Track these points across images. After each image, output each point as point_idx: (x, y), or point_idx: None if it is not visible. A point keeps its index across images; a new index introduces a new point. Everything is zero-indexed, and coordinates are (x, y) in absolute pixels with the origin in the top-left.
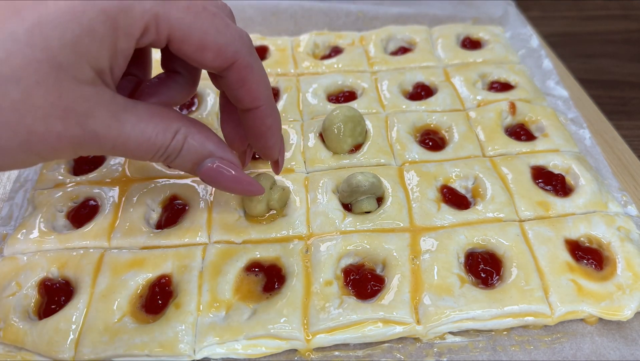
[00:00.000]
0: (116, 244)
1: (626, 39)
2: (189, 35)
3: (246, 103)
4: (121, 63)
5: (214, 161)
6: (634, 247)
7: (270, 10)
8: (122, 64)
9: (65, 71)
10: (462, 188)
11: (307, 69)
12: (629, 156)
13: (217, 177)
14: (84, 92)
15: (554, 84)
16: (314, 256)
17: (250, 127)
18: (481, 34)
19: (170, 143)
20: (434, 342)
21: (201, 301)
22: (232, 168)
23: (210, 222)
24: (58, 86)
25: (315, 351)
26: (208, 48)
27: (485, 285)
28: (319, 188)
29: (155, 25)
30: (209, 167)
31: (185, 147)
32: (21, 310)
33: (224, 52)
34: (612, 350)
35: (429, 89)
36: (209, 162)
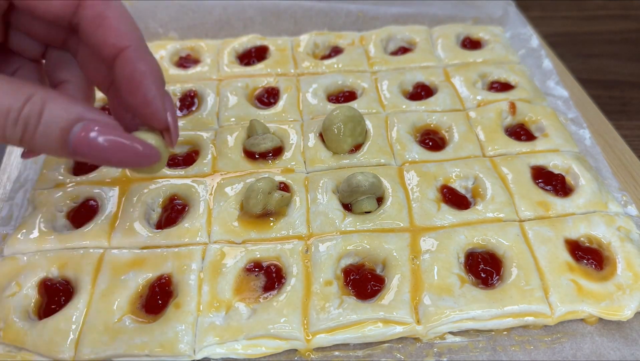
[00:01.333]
0: (116, 244)
1: (626, 39)
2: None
3: (108, 47)
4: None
5: (87, 124)
6: (634, 247)
7: (270, 10)
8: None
9: None
10: (462, 188)
11: (307, 69)
12: (629, 156)
13: (95, 146)
14: None
15: (554, 84)
16: (314, 256)
17: (121, 77)
18: (481, 34)
19: (23, 106)
20: (434, 342)
21: (201, 301)
22: (111, 131)
23: (210, 222)
24: None
25: (315, 351)
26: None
27: (485, 285)
28: (319, 188)
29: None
30: (81, 136)
31: (46, 113)
32: (21, 310)
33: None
34: (612, 350)
35: (429, 89)
36: (80, 127)
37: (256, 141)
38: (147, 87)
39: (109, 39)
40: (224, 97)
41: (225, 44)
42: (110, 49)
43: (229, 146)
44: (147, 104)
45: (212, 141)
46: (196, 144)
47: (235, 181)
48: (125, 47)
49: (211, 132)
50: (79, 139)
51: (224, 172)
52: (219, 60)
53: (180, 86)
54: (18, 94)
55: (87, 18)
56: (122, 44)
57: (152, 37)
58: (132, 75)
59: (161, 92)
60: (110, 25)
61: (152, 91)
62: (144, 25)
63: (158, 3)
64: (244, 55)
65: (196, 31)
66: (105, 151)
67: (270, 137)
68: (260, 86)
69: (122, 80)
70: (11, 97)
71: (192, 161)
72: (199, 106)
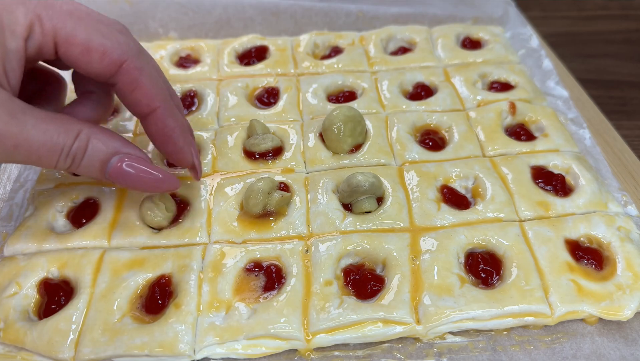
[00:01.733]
0: (116, 244)
1: (626, 39)
2: (73, 36)
3: (142, 107)
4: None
5: (122, 157)
6: (634, 247)
7: (270, 10)
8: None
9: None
10: (462, 188)
11: (307, 69)
12: (629, 156)
13: (127, 174)
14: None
15: (554, 84)
16: (314, 256)
17: (154, 133)
18: (481, 34)
19: (73, 143)
20: (434, 342)
21: (201, 301)
22: (141, 163)
23: (210, 222)
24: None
25: (315, 351)
26: (93, 49)
27: (485, 285)
28: (319, 187)
29: (40, 24)
30: (117, 166)
31: (90, 147)
32: (21, 309)
33: (110, 53)
34: (612, 350)
35: (429, 89)
36: (116, 159)
37: (256, 141)
38: (176, 139)
39: (142, 101)
40: (224, 97)
41: (225, 44)
42: (143, 108)
43: (229, 146)
44: (177, 152)
45: (212, 141)
46: (196, 144)
47: (235, 181)
48: (156, 108)
49: (211, 132)
50: (115, 169)
51: (224, 172)
52: (219, 60)
53: (180, 86)
54: (70, 133)
55: (124, 82)
56: (153, 106)
57: (152, 37)
58: (164, 130)
59: (188, 141)
60: (144, 90)
61: (180, 142)
62: (144, 26)
63: (158, 3)
64: (244, 55)
65: (196, 31)
66: (137, 178)
67: (270, 137)
68: (260, 86)
69: (155, 134)
70: (64, 135)
71: None
72: (199, 106)
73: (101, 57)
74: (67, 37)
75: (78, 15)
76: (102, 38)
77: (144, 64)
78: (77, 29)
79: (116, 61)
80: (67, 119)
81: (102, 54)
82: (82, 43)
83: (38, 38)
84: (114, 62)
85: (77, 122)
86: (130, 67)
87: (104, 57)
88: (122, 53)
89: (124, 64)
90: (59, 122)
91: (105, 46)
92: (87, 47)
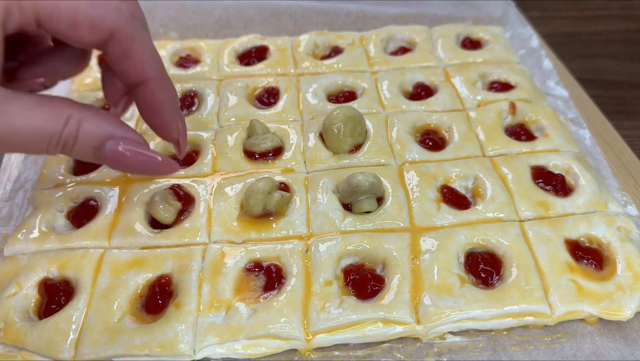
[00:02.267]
0: (116, 244)
1: (626, 39)
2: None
3: (132, 77)
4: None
5: (118, 142)
6: (634, 247)
7: (270, 10)
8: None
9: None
10: (462, 188)
11: (307, 69)
12: (629, 156)
13: (123, 159)
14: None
15: (554, 84)
16: (314, 256)
17: (142, 104)
18: (481, 34)
19: (63, 129)
20: (434, 342)
21: (201, 301)
22: (138, 147)
23: (210, 222)
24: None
25: (315, 351)
26: (80, 23)
27: (485, 285)
28: (319, 188)
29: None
30: (112, 150)
31: (82, 132)
32: (21, 309)
33: (99, 25)
34: (612, 350)
35: (429, 89)
36: (111, 144)
37: (256, 141)
38: (164, 113)
39: (132, 72)
40: (224, 97)
41: (225, 44)
42: (133, 79)
43: (229, 146)
44: (163, 126)
45: (212, 141)
46: (196, 144)
47: (235, 181)
48: (146, 80)
49: (211, 132)
50: (111, 154)
51: (224, 172)
52: (219, 60)
53: (180, 86)
54: (58, 118)
55: (114, 52)
56: (143, 77)
57: (152, 37)
58: (152, 103)
59: (175, 116)
60: (134, 60)
61: (167, 117)
62: None
63: (158, 3)
64: (244, 55)
65: (196, 31)
66: (134, 163)
67: (270, 137)
68: (260, 86)
69: (142, 105)
70: (52, 122)
71: (192, 161)
72: (199, 106)
73: (90, 30)
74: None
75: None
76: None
77: (136, 32)
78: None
79: (105, 32)
80: (55, 103)
81: (90, 27)
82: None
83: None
84: (103, 33)
85: (67, 105)
86: (121, 37)
87: (92, 30)
88: (113, 22)
89: (115, 33)
90: (46, 107)
91: (92, 17)
92: (73, 21)
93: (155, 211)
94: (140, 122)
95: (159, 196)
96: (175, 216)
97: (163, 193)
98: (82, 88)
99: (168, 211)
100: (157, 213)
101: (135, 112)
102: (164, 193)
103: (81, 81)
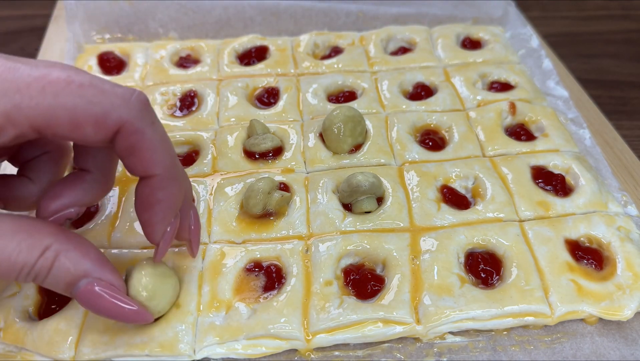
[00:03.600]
0: (116, 244)
1: (626, 39)
2: (55, 116)
3: (138, 172)
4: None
5: (92, 282)
6: (634, 247)
7: (270, 10)
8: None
9: None
10: (462, 188)
11: (307, 69)
12: (629, 156)
13: (94, 301)
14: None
15: (554, 84)
16: (314, 256)
17: (139, 194)
18: (481, 34)
19: (36, 261)
20: (434, 342)
21: (201, 301)
22: (113, 291)
23: (210, 222)
24: None
25: (315, 351)
26: (83, 123)
27: (485, 285)
28: (319, 188)
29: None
30: (83, 290)
31: (55, 266)
32: (21, 309)
33: (104, 122)
34: (612, 350)
35: (429, 89)
36: (85, 283)
37: (256, 141)
38: (156, 213)
39: (138, 167)
40: (224, 97)
41: (225, 44)
42: (139, 173)
43: (229, 146)
44: (149, 224)
45: (212, 141)
46: (196, 144)
47: (235, 181)
48: (152, 176)
49: (211, 132)
50: (82, 293)
51: (224, 172)
52: (219, 60)
53: (180, 86)
54: (34, 250)
55: (119, 146)
56: (149, 173)
57: (152, 37)
58: (149, 198)
59: (165, 220)
60: (141, 156)
61: (158, 218)
62: (144, 26)
63: (158, 3)
64: (244, 56)
65: (196, 31)
66: (104, 308)
67: (270, 137)
68: (260, 86)
69: (139, 195)
70: (27, 254)
71: (192, 161)
72: (199, 106)
73: (95, 130)
74: (47, 120)
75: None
76: (89, 106)
77: (146, 125)
78: (55, 107)
79: (112, 127)
80: (36, 230)
81: (94, 126)
82: (68, 121)
83: (10, 133)
84: (109, 130)
85: (48, 234)
86: (128, 131)
87: (98, 129)
88: (119, 117)
89: (121, 129)
90: (24, 234)
91: (96, 115)
92: (74, 122)
93: None
94: None
95: None
96: None
97: None
98: None
99: None
100: None
101: None
102: None
103: None
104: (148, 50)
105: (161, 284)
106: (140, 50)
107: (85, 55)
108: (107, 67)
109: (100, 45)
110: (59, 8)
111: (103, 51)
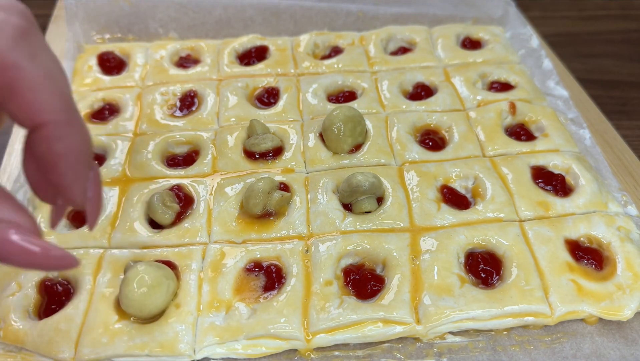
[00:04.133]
0: (116, 244)
1: (626, 39)
2: None
3: (23, 120)
4: None
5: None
6: (634, 247)
7: (270, 10)
8: None
9: None
10: (462, 188)
11: (307, 69)
12: (629, 156)
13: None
14: None
15: (554, 84)
16: (314, 256)
17: (36, 153)
18: (481, 34)
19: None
20: (434, 342)
21: (201, 301)
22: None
23: (210, 222)
24: None
25: (315, 351)
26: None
27: (485, 285)
28: (319, 187)
29: None
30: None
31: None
32: (21, 309)
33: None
34: (612, 350)
35: (429, 89)
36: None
37: (256, 141)
38: (63, 171)
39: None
40: (224, 97)
41: (225, 44)
42: (25, 123)
43: (229, 146)
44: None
45: (212, 141)
46: (196, 144)
47: (235, 181)
48: (40, 124)
49: (211, 132)
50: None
51: (224, 172)
52: (219, 60)
53: (180, 86)
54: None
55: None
56: (36, 121)
57: (152, 37)
58: (47, 155)
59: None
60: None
61: (69, 176)
62: (144, 26)
63: (158, 3)
64: (244, 55)
65: (196, 31)
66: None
67: (270, 137)
68: (260, 86)
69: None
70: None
71: (192, 161)
72: (199, 106)
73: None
74: None
75: None
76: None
77: (23, 59)
78: None
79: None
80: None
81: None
82: None
83: None
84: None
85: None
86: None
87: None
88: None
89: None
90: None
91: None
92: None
93: (154, 213)
94: (140, 122)
95: (158, 198)
96: (173, 218)
97: (161, 195)
98: (82, 88)
99: (167, 213)
100: (155, 215)
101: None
102: (162, 195)
103: (81, 81)
104: (148, 50)
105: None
106: (140, 50)
107: (85, 55)
108: (107, 67)
109: (100, 45)
110: (59, 8)
111: (103, 51)
